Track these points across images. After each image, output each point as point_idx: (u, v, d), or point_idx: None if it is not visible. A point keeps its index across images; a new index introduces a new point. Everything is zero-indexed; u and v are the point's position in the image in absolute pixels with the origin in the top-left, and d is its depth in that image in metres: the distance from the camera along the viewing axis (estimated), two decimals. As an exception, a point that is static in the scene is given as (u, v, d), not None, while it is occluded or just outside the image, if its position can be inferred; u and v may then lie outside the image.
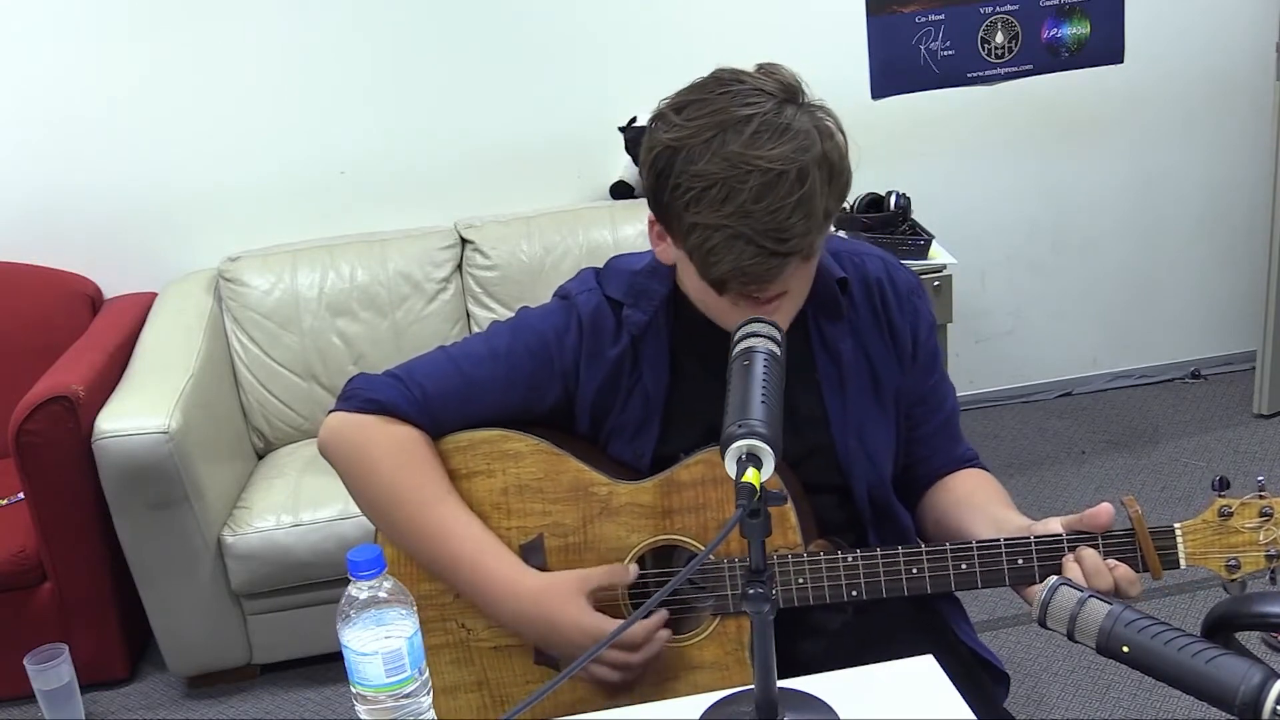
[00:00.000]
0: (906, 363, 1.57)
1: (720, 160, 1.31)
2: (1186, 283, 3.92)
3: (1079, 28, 3.12)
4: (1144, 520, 1.38)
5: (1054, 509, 3.28)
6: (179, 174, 3.28)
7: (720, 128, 1.32)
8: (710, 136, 1.32)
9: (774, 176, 1.30)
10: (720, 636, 1.47)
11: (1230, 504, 1.37)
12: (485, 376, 1.52)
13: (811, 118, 1.36)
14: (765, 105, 1.33)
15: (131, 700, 2.89)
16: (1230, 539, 1.36)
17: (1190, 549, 1.38)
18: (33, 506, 2.71)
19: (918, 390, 1.59)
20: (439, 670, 1.53)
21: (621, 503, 1.49)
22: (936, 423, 1.62)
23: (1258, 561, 1.36)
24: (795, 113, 1.35)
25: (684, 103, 1.37)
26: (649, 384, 1.52)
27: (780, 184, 1.30)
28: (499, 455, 1.52)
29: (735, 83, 1.36)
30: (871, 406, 1.55)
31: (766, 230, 1.31)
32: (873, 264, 1.59)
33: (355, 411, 1.52)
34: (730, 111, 1.33)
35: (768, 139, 1.31)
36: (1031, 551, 1.40)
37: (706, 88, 1.37)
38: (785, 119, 1.33)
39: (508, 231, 3.25)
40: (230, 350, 3.13)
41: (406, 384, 1.52)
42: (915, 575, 1.43)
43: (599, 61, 3.39)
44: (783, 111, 1.34)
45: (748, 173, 1.30)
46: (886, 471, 1.57)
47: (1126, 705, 2.56)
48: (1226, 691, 1.00)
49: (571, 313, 1.54)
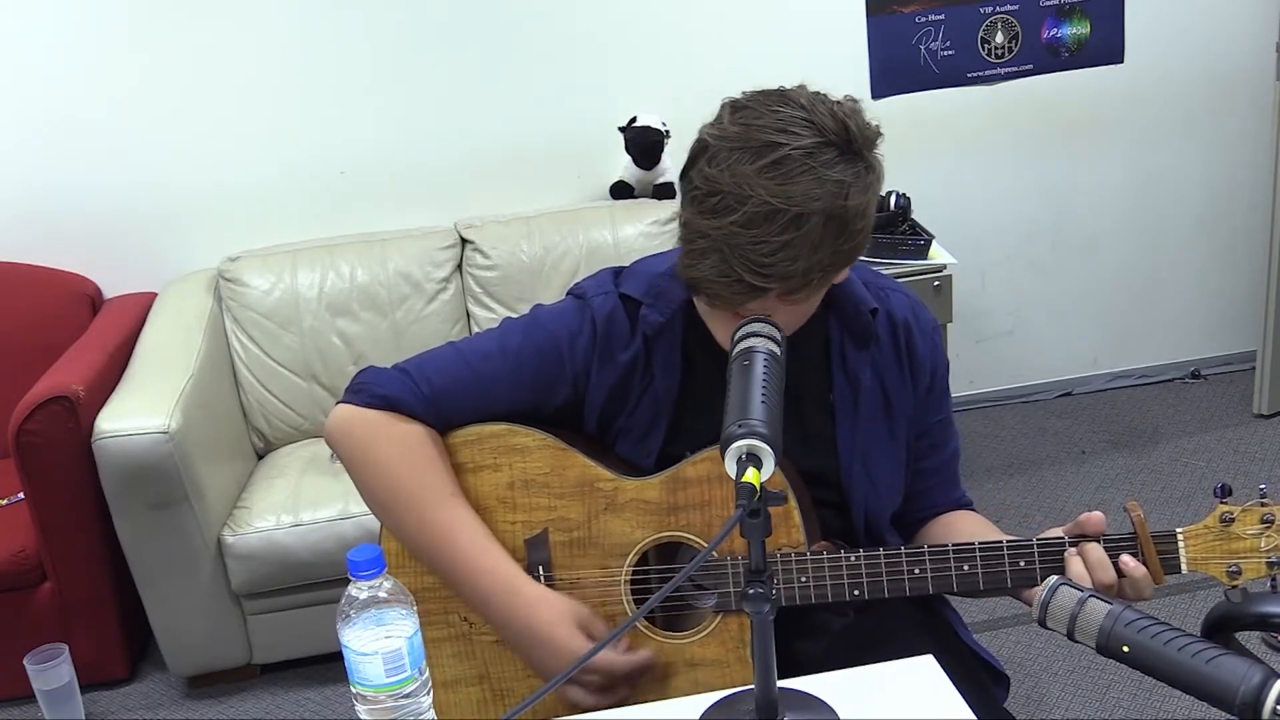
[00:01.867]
0: (921, 394, 1.58)
1: (730, 175, 1.30)
2: (1186, 283, 3.92)
3: (1079, 28, 3.12)
4: (1146, 524, 1.38)
5: (1054, 509, 3.28)
6: (179, 174, 3.28)
7: (746, 143, 1.31)
8: (735, 148, 1.31)
9: (769, 211, 1.29)
10: (722, 634, 1.47)
11: (1232, 510, 1.37)
12: (494, 374, 1.52)
13: (851, 170, 1.32)
14: (804, 140, 1.30)
15: (131, 700, 2.89)
16: (1232, 545, 1.37)
17: (1192, 554, 1.38)
18: (33, 506, 2.71)
19: (924, 422, 1.60)
20: (440, 663, 1.53)
21: (627, 499, 1.49)
22: (937, 461, 1.63)
23: (1259, 568, 1.37)
24: (834, 159, 1.31)
25: (743, 104, 1.36)
26: (660, 387, 1.52)
27: (774, 220, 1.29)
28: (506, 450, 1.52)
29: (795, 106, 1.34)
30: (882, 435, 1.56)
31: (746, 259, 1.30)
32: (898, 300, 1.59)
33: (363, 406, 1.52)
34: (767, 133, 1.31)
35: (782, 173, 1.29)
36: (1034, 553, 1.41)
37: (768, 100, 1.35)
38: (815, 161, 1.30)
39: (508, 231, 3.25)
40: (230, 350, 3.13)
41: (415, 379, 1.51)
42: (917, 576, 1.43)
43: (599, 61, 3.39)
44: (819, 153, 1.30)
45: (746, 197, 1.29)
46: (886, 500, 1.58)
47: (1126, 705, 2.56)
48: (1226, 691, 1.00)
49: (585, 314, 1.53)
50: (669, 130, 3.28)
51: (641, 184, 3.38)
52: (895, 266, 3.07)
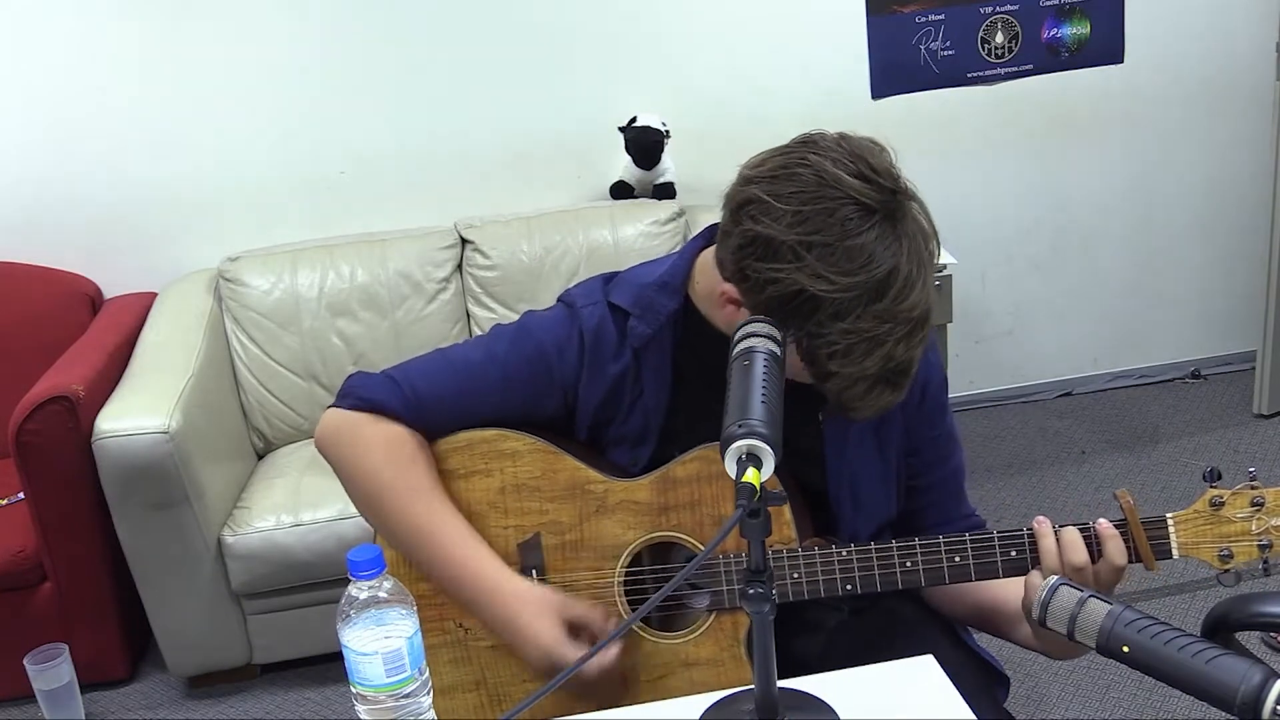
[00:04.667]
0: (911, 410, 1.56)
1: (872, 319, 1.31)
2: (1186, 283, 3.92)
3: (1079, 28, 3.12)
4: (1136, 510, 1.38)
5: (1054, 509, 3.28)
6: (179, 174, 3.28)
7: (870, 290, 1.30)
8: (860, 295, 1.30)
9: (918, 321, 1.33)
10: (716, 632, 1.47)
11: (1222, 494, 1.37)
12: (480, 383, 1.52)
13: (909, 211, 1.36)
14: (900, 250, 1.32)
15: (131, 700, 2.89)
16: (1222, 529, 1.37)
17: (1182, 539, 1.38)
18: (33, 506, 2.71)
19: (917, 438, 1.58)
20: (437, 670, 1.53)
21: (617, 500, 1.49)
22: (937, 476, 1.61)
23: (1250, 551, 1.36)
24: (902, 217, 1.35)
25: (799, 218, 1.32)
26: (649, 398, 1.52)
27: (920, 329, 1.34)
28: (497, 455, 1.52)
29: (850, 205, 1.32)
30: (870, 456, 1.55)
31: (900, 368, 1.34)
32: None
33: (349, 409, 1.53)
34: (875, 266, 1.30)
35: (912, 290, 1.32)
36: (1025, 543, 1.41)
37: (820, 201, 1.32)
38: (900, 235, 1.33)
39: (508, 231, 3.25)
40: (230, 350, 3.13)
41: (400, 385, 1.52)
42: (909, 569, 1.43)
43: (599, 62, 3.39)
44: (899, 226, 1.33)
45: (896, 325, 1.32)
46: (874, 519, 1.56)
47: (1126, 705, 2.56)
48: (1226, 691, 1.00)
49: (574, 324, 1.53)
50: (669, 130, 3.28)
51: (641, 184, 3.38)
52: (895, 266, 3.07)
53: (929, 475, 1.61)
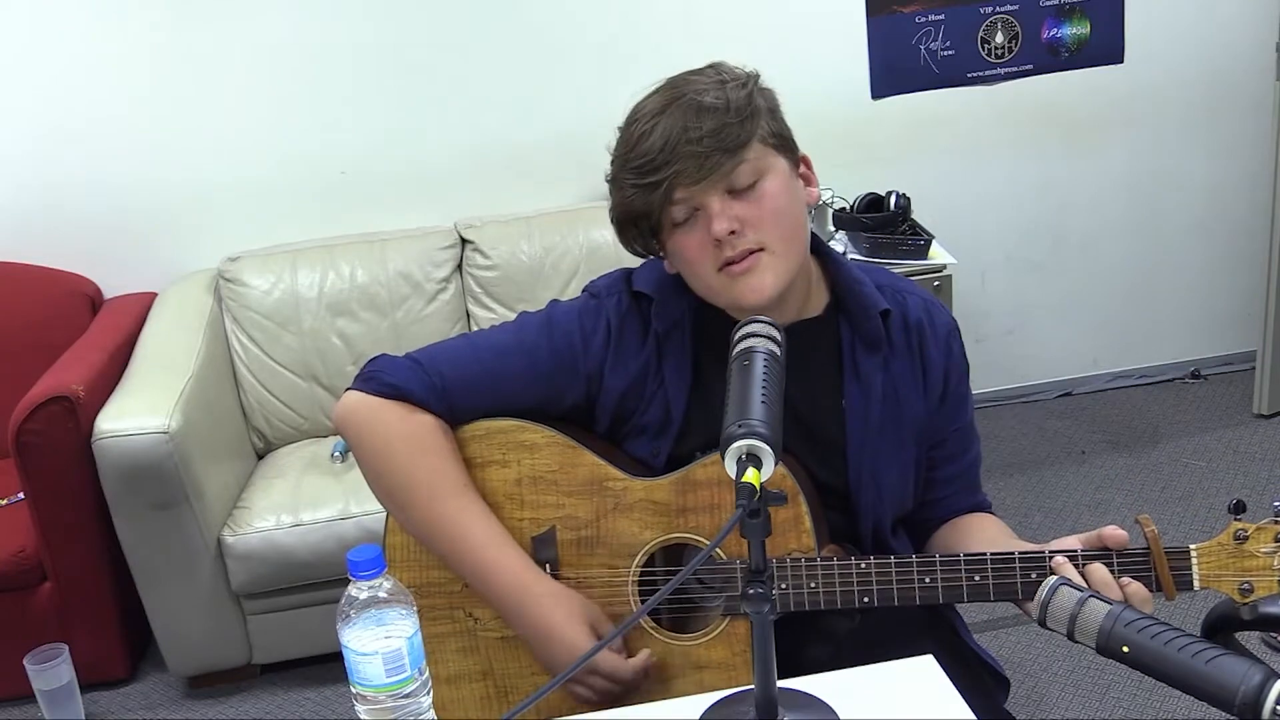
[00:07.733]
0: (934, 403, 1.56)
1: (657, 98, 1.53)
2: (1186, 283, 3.92)
3: (1079, 28, 3.12)
4: (1160, 540, 1.37)
5: (1054, 509, 3.29)
6: (179, 174, 3.28)
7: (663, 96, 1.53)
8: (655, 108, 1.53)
9: (698, 96, 1.51)
10: (729, 637, 1.47)
11: (1246, 528, 1.35)
12: (507, 369, 1.52)
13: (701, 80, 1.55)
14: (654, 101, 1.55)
15: (131, 700, 2.89)
16: (1245, 563, 1.36)
17: (1204, 571, 1.36)
18: (33, 506, 2.71)
19: (941, 431, 1.59)
20: (444, 658, 1.53)
21: (635, 499, 1.49)
22: (956, 468, 1.62)
23: (1271, 586, 1.35)
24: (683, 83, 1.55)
25: None
26: (670, 388, 1.52)
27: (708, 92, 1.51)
28: (515, 445, 1.52)
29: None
30: (892, 444, 1.54)
31: (688, 129, 1.46)
32: (914, 303, 1.58)
33: (373, 394, 1.51)
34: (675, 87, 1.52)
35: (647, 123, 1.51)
36: (1046, 565, 1.39)
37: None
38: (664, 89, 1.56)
39: (508, 231, 3.25)
40: (230, 350, 3.13)
41: (427, 370, 1.51)
42: (928, 585, 1.41)
43: (599, 61, 3.39)
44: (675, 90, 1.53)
45: (679, 97, 1.51)
46: (892, 508, 1.56)
47: (1126, 705, 2.56)
48: (1226, 692, 1.00)
49: (601, 315, 1.53)
50: (669, 130, 3.27)
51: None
52: (895, 266, 3.07)
53: (950, 466, 1.61)
